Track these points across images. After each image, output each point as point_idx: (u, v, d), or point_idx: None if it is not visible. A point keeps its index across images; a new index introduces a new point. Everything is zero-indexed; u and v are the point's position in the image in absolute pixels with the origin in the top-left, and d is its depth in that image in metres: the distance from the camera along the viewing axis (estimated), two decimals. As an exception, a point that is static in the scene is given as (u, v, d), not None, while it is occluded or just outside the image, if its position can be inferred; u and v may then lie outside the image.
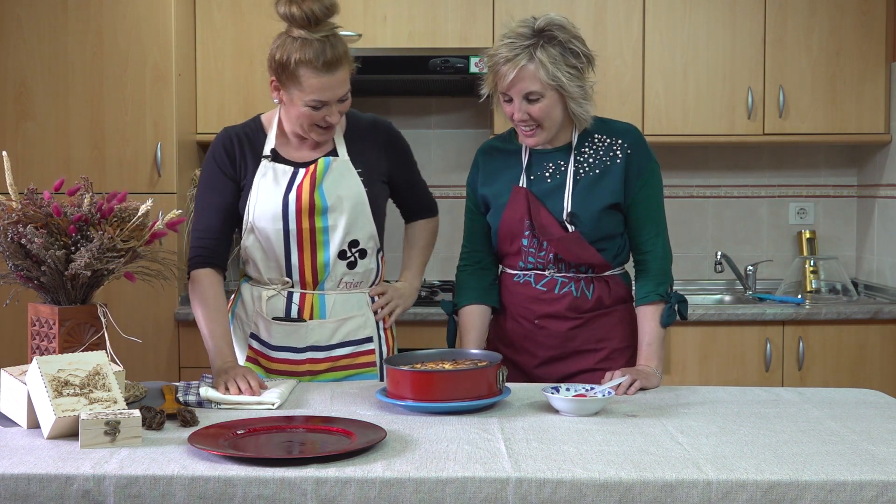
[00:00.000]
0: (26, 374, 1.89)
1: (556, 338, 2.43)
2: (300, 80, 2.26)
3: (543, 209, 2.37)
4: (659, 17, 3.90)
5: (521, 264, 2.44)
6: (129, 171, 3.62)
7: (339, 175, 2.39)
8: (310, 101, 2.28)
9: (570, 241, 2.36)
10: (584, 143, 2.40)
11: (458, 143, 4.29)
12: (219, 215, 2.40)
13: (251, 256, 2.42)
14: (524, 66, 2.27)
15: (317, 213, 2.36)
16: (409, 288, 2.58)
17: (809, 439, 1.83)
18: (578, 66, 2.31)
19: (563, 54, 2.29)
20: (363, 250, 2.43)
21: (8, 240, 2.04)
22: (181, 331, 3.63)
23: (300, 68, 2.25)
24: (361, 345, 2.46)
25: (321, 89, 2.27)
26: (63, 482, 1.61)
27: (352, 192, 2.38)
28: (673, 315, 2.39)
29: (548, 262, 2.40)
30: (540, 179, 2.40)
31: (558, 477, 1.61)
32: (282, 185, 2.36)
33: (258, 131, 2.43)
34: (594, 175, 2.37)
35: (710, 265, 4.27)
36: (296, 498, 1.59)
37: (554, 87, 2.29)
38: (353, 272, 2.43)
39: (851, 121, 3.92)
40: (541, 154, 2.42)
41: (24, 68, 3.60)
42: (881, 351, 3.70)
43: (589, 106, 2.37)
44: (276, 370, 2.43)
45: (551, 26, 2.29)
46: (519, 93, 2.31)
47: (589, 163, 2.38)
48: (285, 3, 2.25)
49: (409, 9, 3.87)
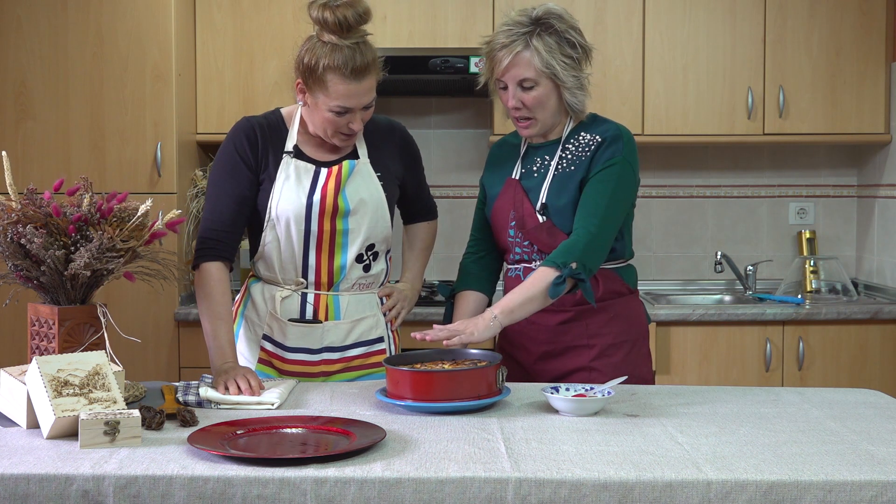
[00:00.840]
0: (26, 374, 1.89)
1: (546, 332, 2.43)
2: (327, 86, 2.24)
3: (526, 201, 2.39)
4: (659, 17, 3.90)
5: (511, 256, 2.46)
6: (129, 171, 3.63)
7: (361, 178, 2.38)
8: (335, 106, 2.26)
9: (541, 231, 2.36)
10: (570, 140, 2.41)
11: (458, 143, 4.29)
12: (234, 205, 2.35)
13: (268, 255, 2.38)
14: (519, 52, 2.29)
15: (339, 215, 2.35)
16: (411, 289, 2.59)
17: (809, 439, 1.83)
18: (574, 56, 2.32)
19: (560, 43, 2.30)
20: (376, 252, 2.43)
21: (8, 240, 2.04)
22: (181, 331, 3.63)
23: (328, 73, 2.23)
24: (373, 345, 2.47)
25: (347, 96, 2.25)
26: (62, 482, 1.61)
27: (373, 195, 2.38)
28: (560, 289, 2.24)
29: (532, 252, 2.41)
30: (529, 173, 2.43)
31: (558, 477, 1.61)
32: (305, 184, 2.34)
33: (280, 125, 2.40)
34: (570, 170, 2.37)
35: (710, 265, 4.28)
36: (295, 498, 1.59)
37: (548, 74, 2.30)
38: (368, 274, 2.43)
39: (851, 121, 3.92)
40: (535, 148, 2.44)
41: (24, 68, 3.60)
42: (881, 351, 3.70)
43: (584, 97, 2.37)
44: (290, 371, 2.41)
45: (549, 15, 2.31)
46: (513, 79, 2.32)
47: (569, 159, 2.39)
48: (319, 7, 2.22)
49: (409, 9, 3.87)
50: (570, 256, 2.25)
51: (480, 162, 4.12)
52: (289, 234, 2.35)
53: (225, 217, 2.35)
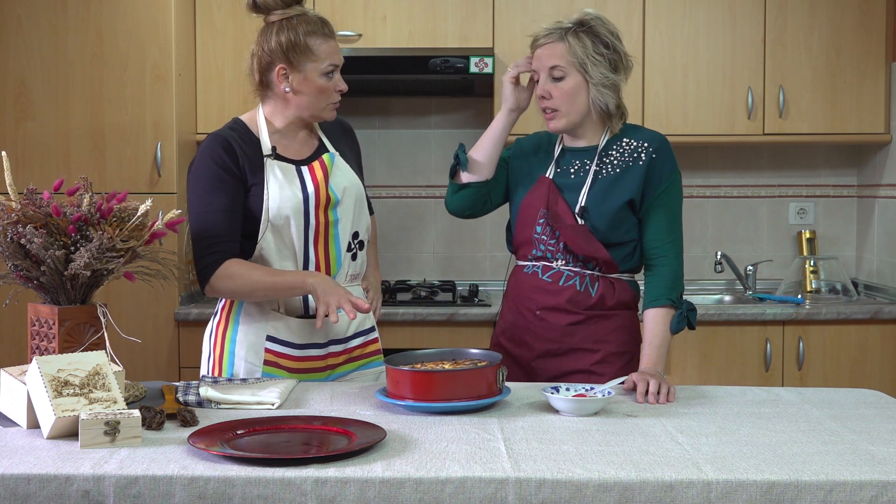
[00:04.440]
0: (26, 374, 1.89)
1: (555, 331, 2.44)
2: (313, 51, 2.34)
3: (561, 200, 2.43)
4: (659, 17, 3.90)
5: (532, 252, 2.47)
6: (129, 171, 3.63)
7: (339, 169, 2.43)
8: (326, 67, 2.36)
9: (578, 232, 2.39)
10: (611, 146, 2.45)
11: (457, 143, 4.27)
12: (227, 218, 2.33)
13: (265, 257, 2.38)
14: (554, 43, 2.40)
15: (330, 206, 2.39)
16: (377, 282, 2.68)
17: (809, 439, 1.83)
18: (607, 56, 2.39)
19: (594, 42, 2.39)
20: (361, 242, 2.48)
21: (8, 240, 2.05)
22: (181, 331, 3.63)
23: (310, 39, 2.34)
24: (369, 334, 2.53)
25: (332, 52, 2.37)
26: (63, 482, 1.61)
27: (353, 184, 2.44)
28: (682, 323, 2.39)
29: (557, 251, 2.43)
30: (565, 173, 2.47)
31: (558, 477, 1.61)
32: (294, 181, 2.37)
33: (246, 132, 2.41)
34: (615, 174, 2.41)
35: (710, 265, 4.28)
36: (295, 498, 1.59)
37: (577, 67, 2.37)
38: (355, 264, 2.47)
39: (851, 121, 3.92)
40: (571, 151, 2.48)
41: (24, 68, 3.60)
42: (881, 351, 3.70)
43: (611, 98, 2.40)
44: (299, 369, 2.41)
45: (592, 19, 2.41)
46: (545, 67, 2.41)
47: (612, 164, 2.43)
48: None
49: (409, 9, 3.87)
50: (675, 291, 2.41)
51: (480, 162, 4.12)
52: (289, 231, 2.36)
53: (222, 231, 2.32)
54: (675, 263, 2.43)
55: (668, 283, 2.40)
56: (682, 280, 2.44)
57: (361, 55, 3.76)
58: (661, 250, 2.43)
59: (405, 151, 4.27)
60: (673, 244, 2.44)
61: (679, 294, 2.41)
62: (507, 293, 2.57)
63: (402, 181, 4.31)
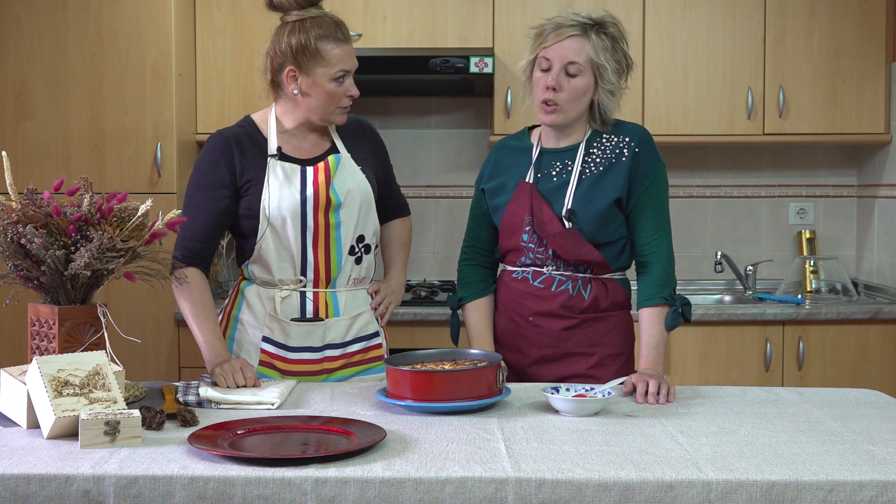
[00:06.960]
0: (26, 374, 1.90)
1: (549, 336, 2.43)
2: (324, 55, 2.32)
3: (546, 205, 2.38)
4: (659, 17, 3.90)
5: (521, 260, 2.44)
6: (129, 171, 3.63)
7: (347, 172, 2.42)
8: (336, 72, 2.34)
9: (566, 238, 2.36)
10: (592, 144, 2.41)
11: (458, 143, 4.29)
12: (209, 220, 2.39)
13: (264, 257, 2.39)
14: (576, 35, 2.33)
15: (331, 209, 2.38)
16: (397, 285, 2.63)
17: (809, 439, 1.83)
18: (621, 62, 2.37)
19: (614, 47, 2.35)
20: (367, 245, 2.46)
21: (8, 240, 2.04)
22: (181, 331, 3.63)
23: (321, 43, 2.32)
24: (371, 339, 2.50)
25: (344, 58, 2.35)
26: (63, 482, 1.61)
27: (359, 187, 2.42)
28: (677, 319, 2.38)
29: (546, 258, 2.40)
30: (547, 177, 2.41)
31: (558, 477, 1.61)
32: (295, 182, 2.37)
33: (254, 131, 2.43)
34: (598, 173, 2.38)
35: (710, 265, 4.28)
36: (296, 498, 1.60)
37: (594, 68, 2.33)
38: (359, 268, 2.46)
39: (851, 121, 3.92)
40: (550, 153, 2.43)
41: (24, 68, 3.60)
42: (881, 351, 3.70)
43: (614, 106, 2.40)
44: (293, 372, 2.42)
45: (611, 19, 2.37)
46: (561, 59, 2.34)
47: (595, 162, 2.39)
48: None
49: (409, 9, 3.87)
50: (667, 287, 2.38)
51: (480, 162, 4.12)
52: (286, 233, 2.36)
53: (202, 230, 2.39)
54: (665, 259, 2.40)
55: (660, 281, 2.39)
56: (674, 275, 2.42)
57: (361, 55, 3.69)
58: (651, 247, 2.40)
59: (405, 151, 4.27)
60: (662, 240, 2.41)
61: (672, 290, 2.39)
62: (498, 298, 2.54)
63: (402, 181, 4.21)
